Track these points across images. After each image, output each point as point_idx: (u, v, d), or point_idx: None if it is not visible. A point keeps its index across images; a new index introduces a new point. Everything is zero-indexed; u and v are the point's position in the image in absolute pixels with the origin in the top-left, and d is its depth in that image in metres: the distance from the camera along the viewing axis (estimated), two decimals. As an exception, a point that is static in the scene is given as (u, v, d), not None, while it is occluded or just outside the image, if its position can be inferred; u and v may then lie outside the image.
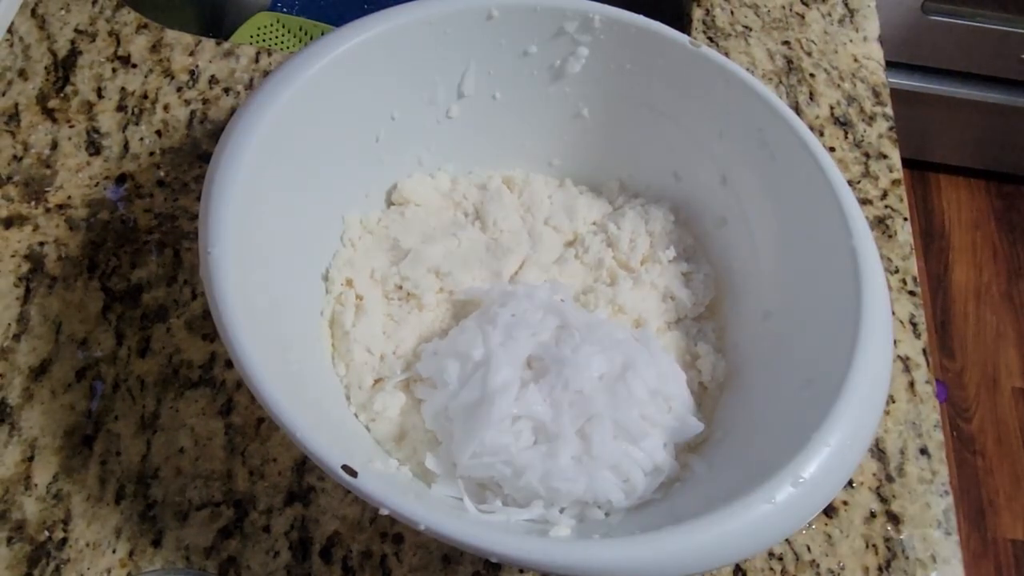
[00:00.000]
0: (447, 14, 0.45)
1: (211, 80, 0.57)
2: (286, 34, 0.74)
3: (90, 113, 0.55)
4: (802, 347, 0.41)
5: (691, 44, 0.45)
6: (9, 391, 0.45)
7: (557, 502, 0.39)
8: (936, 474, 0.47)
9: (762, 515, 0.32)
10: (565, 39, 0.47)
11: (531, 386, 0.40)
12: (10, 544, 0.41)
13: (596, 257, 0.49)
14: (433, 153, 0.50)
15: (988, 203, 1.55)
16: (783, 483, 0.33)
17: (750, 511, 0.32)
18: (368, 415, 0.42)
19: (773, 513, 0.32)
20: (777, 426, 0.38)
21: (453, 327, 0.44)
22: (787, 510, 0.33)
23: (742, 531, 0.32)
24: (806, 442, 0.34)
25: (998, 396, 1.35)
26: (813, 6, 0.67)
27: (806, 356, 0.40)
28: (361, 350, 0.44)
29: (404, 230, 0.48)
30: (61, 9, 0.59)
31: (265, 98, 0.40)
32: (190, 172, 0.53)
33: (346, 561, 0.42)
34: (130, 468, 0.43)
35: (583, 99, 0.50)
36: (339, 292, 0.46)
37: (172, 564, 0.41)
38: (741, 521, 0.32)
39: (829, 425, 0.34)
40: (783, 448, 0.34)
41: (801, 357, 0.41)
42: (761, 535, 0.33)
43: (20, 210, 0.51)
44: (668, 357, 0.44)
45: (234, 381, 0.46)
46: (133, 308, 0.48)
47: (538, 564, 0.31)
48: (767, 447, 0.37)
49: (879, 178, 0.59)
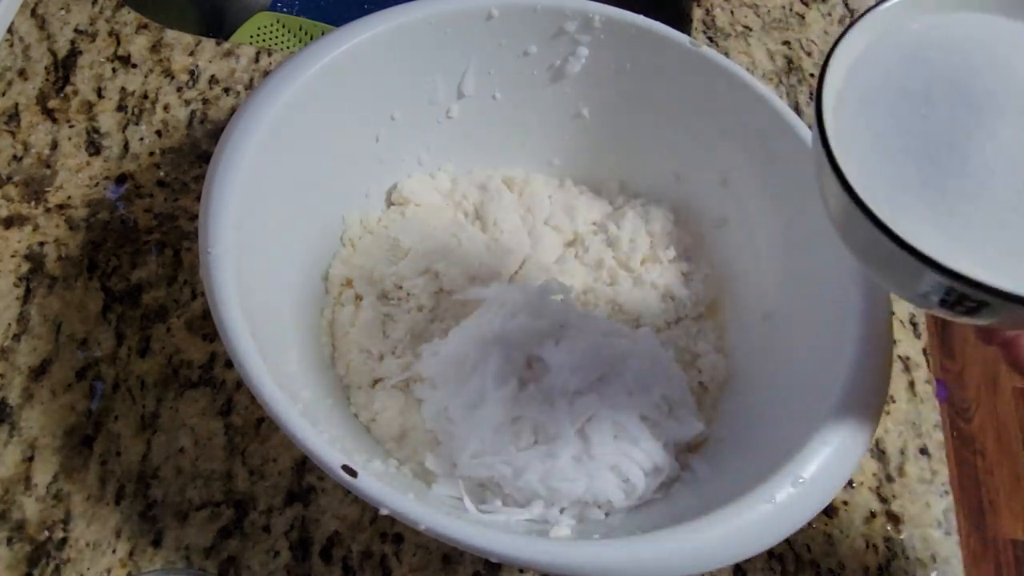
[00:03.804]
0: (447, 14, 0.45)
1: (211, 80, 0.57)
2: (286, 34, 0.74)
3: (90, 113, 0.55)
4: (802, 347, 0.41)
5: (691, 44, 0.45)
6: (9, 391, 0.45)
7: (557, 502, 0.39)
8: (936, 474, 0.47)
9: (762, 515, 0.32)
10: (565, 39, 0.47)
11: (531, 386, 0.40)
12: (10, 544, 0.41)
13: (596, 257, 0.49)
14: (433, 153, 0.50)
15: (988, 203, 1.55)
16: (783, 483, 0.33)
17: (750, 511, 0.32)
18: (368, 415, 0.42)
19: (773, 513, 0.32)
20: (777, 426, 0.38)
21: (453, 327, 0.44)
22: (787, 510, 0.33)
23: (742, 531, 0.32)
24: (806, 442, 0.34)
25: (998, 396, 1.35)
26: (813, 6, 0.67)
27: (806, 356, 0.40)
28: (361, 350, 0.44)
29: (404, 230, 0.48)
30: (61, 9, 0.59)
31: (265, 98, 0.40)
32: (190, 172, 0.53)
33: (346, 561, 0.42)
34: (130, 468, 0.43)
35: (583, 99, 0.50)
36: (339, 292, 0.46)
37: (172, 564, 0.41)
38: (741, 521, 0.32)
39: (829, 425, 0.34)
40: (783, 448, 0.34)
41: (801, 357, 0.41)
42: (761, 535, 0.33)
43: (20, 210, 0.51)
44: (668, 357, 0.44)
45: (234, 381, 0.46)
46: (133, 308, 0.48)
47: (538, 564, 0.31)
48: (767, 447, 0.37)
49: (879, 178, 0.59)
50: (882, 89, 0.29)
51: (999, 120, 0.26)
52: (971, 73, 0.27)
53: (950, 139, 0.27)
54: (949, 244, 0.26)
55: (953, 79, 0.27)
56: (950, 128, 0.27)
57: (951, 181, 0.26)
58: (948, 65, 0.28)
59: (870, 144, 0.28)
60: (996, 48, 0.28)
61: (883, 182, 0.27)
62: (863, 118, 0.28)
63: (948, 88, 0.27)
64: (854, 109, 0.29)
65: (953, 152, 0.26)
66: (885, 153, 0.27)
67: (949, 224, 0.26)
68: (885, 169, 0.27)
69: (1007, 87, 0.27)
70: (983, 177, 0.26)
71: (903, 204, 0.27)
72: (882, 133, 0.28)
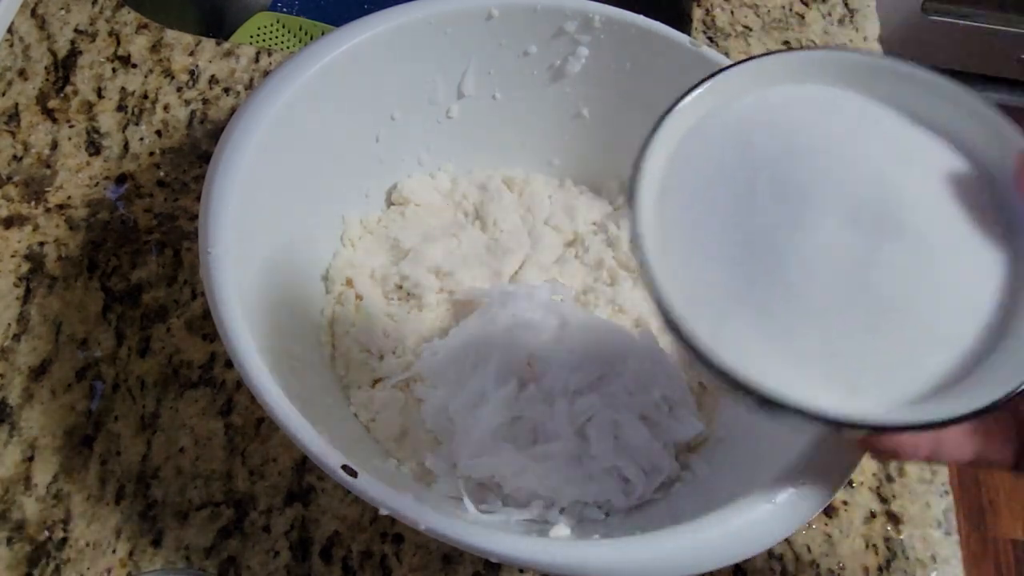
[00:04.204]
0: (447, 14, 0.45)
1: (211, 80, 0.57)
2: (286, 34, 0.74)
3: (90, 113, 0.55)
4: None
5: (691, 44, 0.45)
6: (9, 391, 0.45)
7: (557, 502, 0.39)
8: (936, 474, 0.47)
9: (762, 515, 0.32)
10: (565, 39, 0.47)
11: (531, 386, 0.40)
12: (10, 544, 0.41)
13: (596, 257, 0.49)
14: (433, 153, 0.50)
15: (988, 203, 1.55)
16: (783, 483, 0.33)
17: (750, 511, 0.32)
18: (368, 415, 0.42)
19: (773, 513, 0.32)
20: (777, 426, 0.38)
21: (453, 327, 0.44)
22: (787, 510, 0.33)
23: (742, 531, 0.32)
24: (806, 441, 0.34)
25: (998, 396, 1.35)
26: (813, 6, 0.67)
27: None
28: (361, 350, 0.44)
29: (404, 230, 0.48)
30: (61, 9, 0.59)
31: (265, 98, 0.40)
32: (190, 172, 0.53)
33: (346, 561, 0.42)
34: (130, 468, 0.43)
35: (583, 99, 0.50)
36: (339, 292, 0.46)
37: (172, 564, 0.41)
38: (741, 521, 0.32)
39: (829, 425, 0.34)
40: (783, 448, 0.34)
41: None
42: (761, 535, 0.33)
43: (20, 210, 0.51)
44: (668, 357, 0.44)
45: (234, 381, 0.46)
46: (133, 308, 0.48)
47: (538, 564, 0.31)
48: (767, 447, 0.37)
49: (879, 178, 0.59)
50: (706, 178, 0.27)
51: (820, 214, 0.25)
52: (793, 159, 0.26)
53: (772, 237, 0.25)
54: (766, 349, 0.25)
55: (775, 166, 0.26)
56: (773, 223, 0.25)
57: (774, 283, 0.25)
58: (771, 149, 0.26)
59: (693, 241, 0.26)
60: (818, 127, 0.27)
61: (705, 285, 0.26)
62: (687, 212, 0.26)
63: (770, 177, 0.26)
64: (677, 202, 0.27)
65: (774, 250, 0.25)
66: (708, 251, 0.26)
67: (771, 328, 0.25)
68: (707, 269, 0.26)
69: (828, 176, 0.25)
70: (804, 278, 0.25)
71: (725, 309, 0.25)
72: (706, 228, 0.26)
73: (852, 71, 0.28)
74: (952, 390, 0.25)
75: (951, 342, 0.25)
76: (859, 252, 0.24)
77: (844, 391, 0.25)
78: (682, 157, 0.28)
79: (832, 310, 0.24)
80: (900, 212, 0.25)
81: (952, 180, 0.26)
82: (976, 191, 0.26)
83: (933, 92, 0.27)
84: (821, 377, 0.25)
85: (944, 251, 0.25)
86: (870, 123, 0.27)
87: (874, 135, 0.27)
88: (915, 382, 0.25)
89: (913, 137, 0.27)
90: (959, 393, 0.24)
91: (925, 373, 0.25)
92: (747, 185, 0.26)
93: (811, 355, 0.25)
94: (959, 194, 0.26)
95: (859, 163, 0.26)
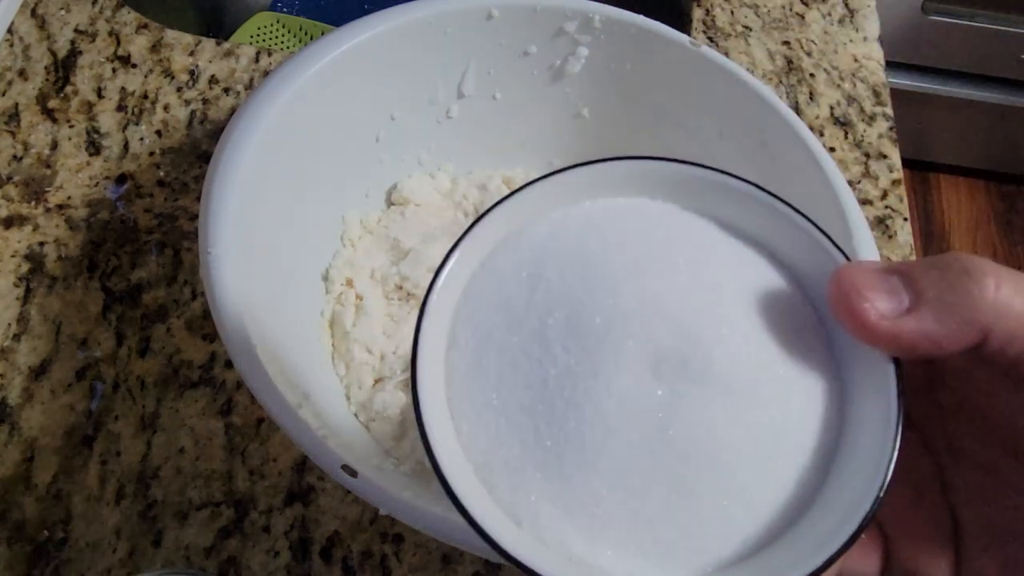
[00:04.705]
0: (447, 14, 0.45)
1: (211, 80, 0.57)
2: (286, 34, 0.74)
3: (90, 113, 0.55)
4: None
5: (691, 44, 0.45)
6: (9, 391, 0.45)
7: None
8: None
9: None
10: (565, 39, 0.47)
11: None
12: (10, 544, 0.41)
13: (596, 257, 0.48)
14: (433, 153, 0.50)
15: (988, 204, 1.55)
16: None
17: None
18: (368, 415, 0.42)
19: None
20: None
21: (453, 327, 0.44)
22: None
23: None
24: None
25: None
26: (813, 6, 0.67)
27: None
28: (361, 350, 0.44)
29: (404, 230, 0.48)
30: (61, 9, 0.59)
31: (265, 98, 0.40)
32: (190, 172, 0.53)
33: (346, 561, 0.42)
34: (130, 468, 0.43)
35: (583, 99, 0.49)
36: (339, 292, 0.46)
37: (172, 564, 0.41)
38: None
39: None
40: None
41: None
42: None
43: (20, 210, 0.51)
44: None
45: (234, 381, 0.46)
46: (133, 308, 0.48)
47: (538, 564, 0.31)
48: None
49: (879, 178, 0.59)
50: (495, 325, 0.24)
51: (617, 363, 0.22)
52: (587, 296, 0.23)
53: (568, 390, 0.22)
54: (565, 520, 0.22)
55: (569, 307, 0.23)
56: (567, 377, 0.22)
57: (570, 443, 0.22)
58: (563, 288, 0.23)
59: (484, 399, 0.23)
60: (620, 255, 0.24)
61: (503, 449, 0.23)
62: (475, 368, 0.24)
63: (565, 319, 0.23)
64: (464, 356, 0.24)
65: (570, 405, 0.22)
66: (501, 412, 0.23)
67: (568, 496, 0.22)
68: (500, 432, 0.23)
69: (626, 318, 0.22)
70: (602, 436, 0.22)
71: (521, 477, 0.22)
72: (497, 384, 0.23)
73: (661, 182, 0.25)
74: (772, 549, 0.22)
75: (765, 497, 0.22)
76: (660, 403, 0.22)
77: (653, 560, 0.22)
78: (471, 299, 0.25)
79: (634, 470, 0.22)
80: (706, 355, 0.22)
81: (769, 303, 0.23)
82: (796, 311, 0.24)
83: (749, 202, 0.25)
84: (627, 546, 0.22)
85: (755, 395, 0.22)
86: (679, 243, 0.24)
87: (683, 259, 0.24)
88: (729, 544, 0.22)
89: (729, 254, 0.25)
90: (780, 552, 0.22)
91: (740, 534, 0.22)
92: (539, 335, 0.23)
93: (614, 522, 0.22)
94: (776, 319, 0.23)
95: (662, 298, 0.23)
